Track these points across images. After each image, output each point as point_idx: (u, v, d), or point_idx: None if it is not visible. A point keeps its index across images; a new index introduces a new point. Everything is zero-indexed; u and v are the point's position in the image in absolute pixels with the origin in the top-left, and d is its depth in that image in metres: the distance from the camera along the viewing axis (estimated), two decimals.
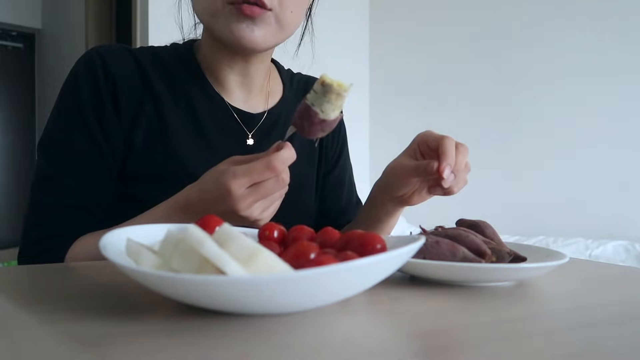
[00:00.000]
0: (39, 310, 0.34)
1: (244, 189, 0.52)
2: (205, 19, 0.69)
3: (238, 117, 0.76)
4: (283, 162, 0.52)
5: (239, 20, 0.65)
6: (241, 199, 0.53)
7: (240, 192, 0.52)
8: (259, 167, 0.51)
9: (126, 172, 0.70)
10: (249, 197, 0.53)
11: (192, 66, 0.76)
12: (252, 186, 0.53)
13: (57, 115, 0.70)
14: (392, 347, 0.29)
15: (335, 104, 0.50)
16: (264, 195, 0.53)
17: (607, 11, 2.34)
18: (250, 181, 0.52)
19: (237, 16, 0.65)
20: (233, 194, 0.52)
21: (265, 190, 0.53)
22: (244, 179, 0.52)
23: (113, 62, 0.71)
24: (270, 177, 0.52)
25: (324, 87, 0.49)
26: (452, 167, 0.60)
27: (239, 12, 0.65)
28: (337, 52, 3.03)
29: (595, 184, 2.34)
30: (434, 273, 0.45)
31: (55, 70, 3.93)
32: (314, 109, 0.50)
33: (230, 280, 0.29)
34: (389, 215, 0.74)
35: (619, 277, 0.55)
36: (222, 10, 0.66)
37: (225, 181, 0.52)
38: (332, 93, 0.49)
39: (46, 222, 0.66)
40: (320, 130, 0.51)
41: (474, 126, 2.78)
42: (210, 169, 0.57)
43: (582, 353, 0.29)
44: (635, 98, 2.25)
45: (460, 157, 0.62)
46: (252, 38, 0.66)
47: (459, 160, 0.61)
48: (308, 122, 0.51)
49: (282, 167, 0.52)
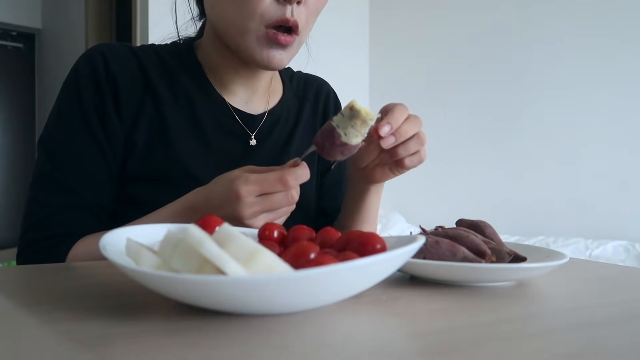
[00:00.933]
0: (39, 310, 0.34)
1: (253, 196, 0.53)
2: (232, 34, 0.68)
3: (239, 117, 0.76)
4: (296, 179, 0.53)
5: (271, 47, 0.66)
6: (248, 206, 0.53)
7: (249, 199, 0.53)
8: (272, 178, 0.52)
9: (126, 172, 0.70)
10: (255, 205, 0.53)
11: (193, 66, 0.76)
12: (260, 196, 0.53)
13: (58, 113, 0.70)
14: (392, 347, 0.29)
15: (359, 130, 0.52)
16: (271, 207, 0.54)
17: (607, 11, 2.34)
18: (261, 190, 0.53)
19: (270, 42, 0.65)
20: (242, 200, 0.53)
21: (272, 202, 0.54)
22: (254, 187, 0.53)
23: (115, 61, 0.71)
24: (280, 191, 0.53)
25: (352, 111, 0.51)
26: (392, 126, 0.58)
27: (274, 39, 0.65)
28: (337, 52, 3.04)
29: (595, 184, 2.34)
30: (434, 273, 0.45)
31: (55, 70, 3.93)
32: (338, 131, 0.52)
33: (230, 280, 0.29)
34: (363, 193, 0.73)
35: (619, 277, 0.55)
36: (256, 31, 0.65)
37: (237, 186, 0.53)
38: (359, 119, 0.51)
39: (45, 221, 0.66)
40: (339, 153, 0.53)
41: (474, 126, 2.78)
42: (223, 174, 0.57)
43: (582, 353, 0.29)
44: (635, 98, 2.25)
45: (408, 124, 0.60)
46: (280, 62, 0.68)
47: (405, 125, 0.59)
48: (329, 142, 0.52)
49: (294, 183, 0.53)
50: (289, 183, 0.52)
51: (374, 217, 0.78)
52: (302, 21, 0.66)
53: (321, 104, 0.88)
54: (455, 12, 2.93)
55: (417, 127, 0.61)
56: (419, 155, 0.63)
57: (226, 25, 0.68)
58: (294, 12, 0.65)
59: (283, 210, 0.56)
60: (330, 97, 0.91)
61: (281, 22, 0.64)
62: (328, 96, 0.90)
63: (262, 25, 0.64)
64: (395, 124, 0.58)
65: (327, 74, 1.02)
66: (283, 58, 0.68)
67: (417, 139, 0.61)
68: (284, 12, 0.64)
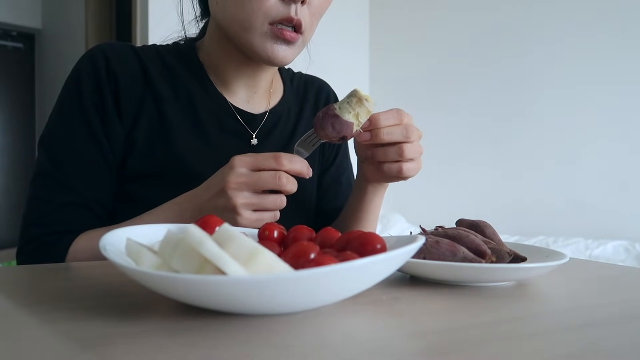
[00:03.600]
0: (39, 310, 0.34)
1: (245, 168, 0.55)
2: (236, 30, 0.68)
3: (240, 117, 0.77)
4: (290, 160, 0.55)
5: (276, 42, 0.66)
6: (235, 176, 0.55)
7: (239, 169, 0.55)
8: (266, 154, 0.55)
9: (128, 171, 0.70)
10: (242, 176, 0.55)
11: (195, 65, 0.76)
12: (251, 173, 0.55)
13: (59, 111, 0.70)
14: (392, 347, 0.29)
15: (353, 108, 0.56)
16: (256, 183, 0.55)
17: (607, 11, 2.34)
18: (254, 162, 0.55)
19: (275, 37, 0.66)
20: (233, 169, 0.55)
21: (260, 178, 0.55)
22: (247, 158, 0.55)
23: (116, 60, 0.71)
24: (271, 167, 0.55)
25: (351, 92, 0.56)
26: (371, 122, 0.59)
27: (279, 35, 0.65)
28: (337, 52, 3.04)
29: (595, 183, 2.34)
30: (434, 273, 0.45)
31: (55, 70, 3.94)
32: (334, 105, 0.57)
33: (230, 280, 0.29)
34: (363, 193, 0.74)
35: (619, 277, 0.55)
36: (259, 28, 0.65)
37: (232, 159, 0.56)
38: (355, 97, 0.56)
39: (46, 218, 0.66)
40: (330, 125, 0.57)
41: (473, 126, 2.79)
42: None
43: (582, 353, 0.29)
44: (635, 98, 2.25)
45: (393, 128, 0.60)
46: (284, 58, 0.68)
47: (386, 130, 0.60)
48: (324, 113, 0.57)
49: (286, 162, 0.55)
50: (281, 161, 0.55)
51: (373, 218, 0.78)
52: (306, 21, 0.67)
53: (321, 104, 0.89)
54: (455, 12, 2.93)
55: (402, 136, 0.60)
56: (399, 165, 0.62)
57: (230, 22, 0.68)
58: (298, 12, 0.65)
59: (269, 201, 0.56)
60: (330, 98, 0.92)
61: (285, 20, 0.65)
62: (328, 97, 0.91)
63: (265, 22, 0.65)
64: (375, 123, 0.59)
65: (327, 74, 1.02)
66: (287, 54, 0.68)
67: (398, 148, 0.61)
68: (288, 11, 0.64)
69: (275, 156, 0.55)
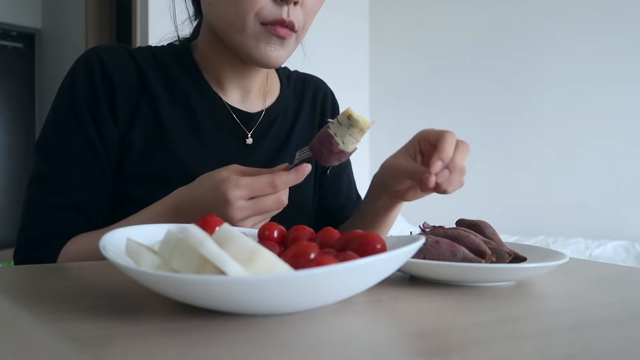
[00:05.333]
0: (38, 311, 0.34)
1: (244, 201, 0.54)
2: (228, 32, 0.68)
3: (236, 116, 0.77)
4: (285, 183, 0.53)
5: (269, 42, 0.66)
6: (238, 210, 0.54)
7: (239, 203, 0.53)
8: (262, 182, 0.53)
9: (124, 172, 0.70)
10: (246, 210, 0.54)
11: (190, 66, 0.76)
12: (251, 200, 0.54)
13: (54, 115, 0.70)
14: (392, 347, 0.29)
15: (356, 138, 0.53)
16: (261, 211, 0.55)
17: (607, 11, 2.34)
18: (251, 194, 0.54)
19: (268, 37, 0.65)
20: (232, 204, 0.53)
21: (263, 206, 0.54)
22: (244, 191, 0.53)
23: (111, 62, 0.71)
24: (270, 194, 0.54)
25: (349, 120, 0.52)
26: (444, 162, 0.57)
27: (272, 33, 0.65)
28: (337, 52, 3.04)
29: (595, 184, 2.34)
30: (434, 273, 0.45)
31: (55, 70, 3.94)
32: (336, 139, 0.52)
33: (230, 280, 0.29)
34: (387, 209, 0.74)
35: (619, 277, 0.55)
36: (251, 29, 0.65)
37: (226, 190, 0.53)
38: (356, 127, 0.52)
39: (40, 220, 0.67)
40: (336, 160, 0.54)
41: (473, 126, 2.78)
42: (208, 174, 0.57)
43: (582, 353, 0.29)
44: (635, 97, 2.25)
45: (458, 154, 0.59)
46: (277, 58, 0.67)
47: (456, 158, 0.59)
48: (328, 150, 0.53)
49: (283, 187, 0.53)
50: (279, 187, 0.53)
51: (389, 228, 0.78)
52: (299, 22, 0.66)
53: (319, 103, 0.89)
54: (455, 12, 2.93)
55: (465, 154, 0.60)
56: (460, 182, 0.61)
57: (223, 23, 0.68)
58: (290, 13, 0.65)
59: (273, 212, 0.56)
60: (327, 97, 0.91)
61: (277, 22, 0.65)
62: (326, 95, 0.91)
63: (257, 23, 0.65)
64: (447, 158, 0.58)
65: (326, 72, 1.02)
66: (280, 55, 0.67)
67: (461, 171, 0.60)
68: (280, 13, 0.64)
69: (272, 184, 0.53)
